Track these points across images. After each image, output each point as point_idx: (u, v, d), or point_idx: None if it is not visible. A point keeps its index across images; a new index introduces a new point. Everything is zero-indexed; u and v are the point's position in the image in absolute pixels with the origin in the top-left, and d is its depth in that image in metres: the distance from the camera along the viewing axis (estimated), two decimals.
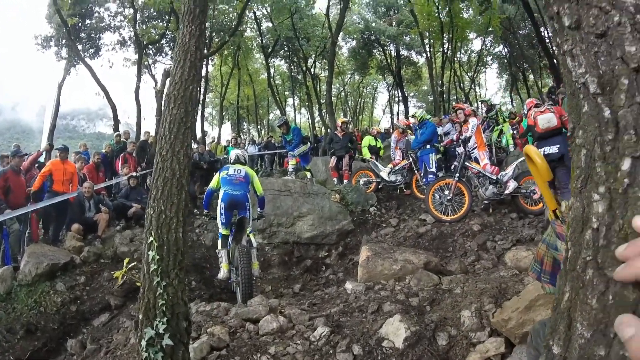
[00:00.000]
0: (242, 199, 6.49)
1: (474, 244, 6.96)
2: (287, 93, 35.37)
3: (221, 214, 6.43)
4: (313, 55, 27.99)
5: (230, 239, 6.58)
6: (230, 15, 22.56)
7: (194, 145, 14.24)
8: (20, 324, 6.18)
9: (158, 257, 3.15)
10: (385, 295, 4.68)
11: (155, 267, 3.12)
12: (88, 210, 8.88)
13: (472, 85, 34.04)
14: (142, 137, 15.39)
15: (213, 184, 6.85)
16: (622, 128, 0.73)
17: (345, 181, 11.61)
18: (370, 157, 12.33)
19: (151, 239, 3.20)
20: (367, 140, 13.32)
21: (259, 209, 6.95)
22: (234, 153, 7.27)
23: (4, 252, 8.07)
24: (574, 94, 0.87)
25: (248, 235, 6.53)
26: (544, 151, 7.06)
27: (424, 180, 9.65)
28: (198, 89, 3.84)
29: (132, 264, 3.63)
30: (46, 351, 6.12)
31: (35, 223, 8.86)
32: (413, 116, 11.17)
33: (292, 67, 30.15)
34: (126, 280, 6.85)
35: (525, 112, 8.27)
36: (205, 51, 14.74)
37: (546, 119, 6.97)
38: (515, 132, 13.71)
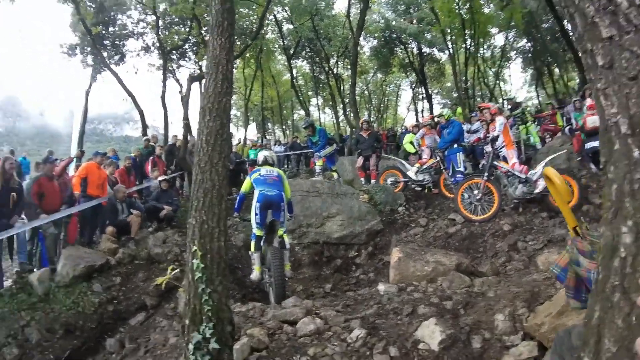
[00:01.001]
0: (278, 199, 6.51)
1: (504, 245, 6.91)
2: (310, 93, 35.46)
3: (256, 214, 6.47)
4: (335, 56, 28.05)
5: (263, 241, 6.64)
6: (251, 19, 22.78)
7: None
8: (59, 324, 6.35)
9: (202, 265, 3.31)
10: (419, 297, 4.75)
11: (200, 274, 3.29)
12: (121, 213, 9.16)
13: (497, 81, 33.60)
14: (169, 141, 15.72)
15: (245, 187, 6.92)
16: None
17: (372, 181, 11.67)
18: (416, 150, 12.45)
19: (195, 248, 3.36)
20: (409, 138, 13.43)
21: (288, 214, 6.87)
22: (261, 154, 7.29)
23: (41, 254, 8.35)
24: (607, 130, 0.95)
25: (281, 236, 6.57)
26: (591, 145, 8.75)
27: (453, 179, 9.67)
28: (230, 100, 3.99)
29: (176, 270, 3.80)
30: (85, 350, 6.31)
31: (74, 226, 9.17)
32: (440, 115, 11.14)
33: (315, 67, 30.24)
34: (156, 281, 7.05)
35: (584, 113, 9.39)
36: None
37: (592, 120, 7.88)
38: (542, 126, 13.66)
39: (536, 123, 13.80)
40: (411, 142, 13.03)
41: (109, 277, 7.54)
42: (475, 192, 8.11)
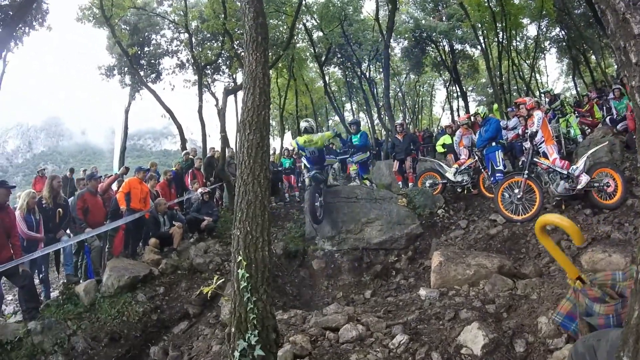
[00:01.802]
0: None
1: None
2: (344, 99, 35.54)
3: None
4: (366, 60, 28.00)
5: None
6: (281, 29, 23.02)
7: None
8: (104, 333, 6.60)
9: (247, 274, 3.41)
10: (460, 301, 4.70)
11: (245, 284, 3.39)
12: (163, 225, 9.46)
13: (532, 73, 32.69)
14: (208, 153, 16.03)
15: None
16: None
17: (410, 184, 11.57)
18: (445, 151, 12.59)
19: (240, 258, 3.47)
20: (443, 140, 13.34)
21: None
22: (302, 124, 8.44)
23: (87, 267, 8.67)
24: None
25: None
26: None
27: (492, 179, 9.47)
28: (269, 113, 4.09)
29: (221, 280, 3.90)
30: (129, 357, 6.56)
31: (120, 239, 9.49)
32: (476, 113, 10.94)
33: (347, 72, 30.26)
34: (202, 290, 7.22)
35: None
36: None
37: None
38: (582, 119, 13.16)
39: (576, 115, 13.31)
40: (443, 145, 12.93)
41: (153, 287, 7.82)
42: (516, 190, 7.93)
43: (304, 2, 20.61)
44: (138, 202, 9.38)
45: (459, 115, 30.03)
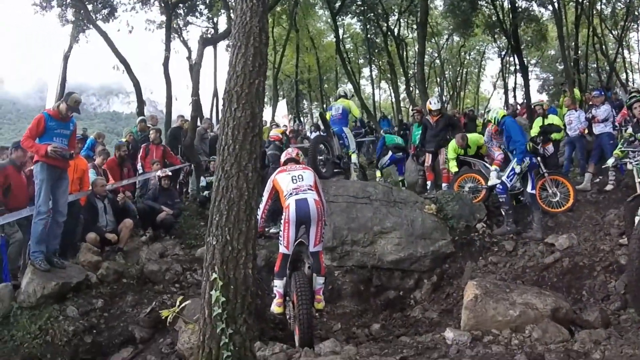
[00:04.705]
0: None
1: (620, 284, 6.62)
2: (361, 61, 35.20)
3: None
4: (396, 11, 27.72)
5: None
6: None
7: None
8: (20, 356, 6.45)
9: (223, 298, 3.34)
10: (499, 351, 4.69)
11: (220, 310, 3.31)
12: (104, 213, 9.25)
13: (620, 49, 32.31)
14: (174, 123, 15.89)
15: None
16: None
17: (443, 185, 11.49)
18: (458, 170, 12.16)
19: (215, 275, 3.38)
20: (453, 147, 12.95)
21: None
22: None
23: (2, 266, 8.14)
24: None
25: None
26: None
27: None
28: (264, 82, 3.95)
29: (187, 302, 3.86)
30: None
31: None
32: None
33: (369, 27, 29.94)
34: (155, 308, 7.13)
35: None
36: None
37: None
38: None
39: None
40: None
41: (89, 298, 7.65)
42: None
43: None
44: (71, 185, 9.02)
45: (514, 97, 29.87)
